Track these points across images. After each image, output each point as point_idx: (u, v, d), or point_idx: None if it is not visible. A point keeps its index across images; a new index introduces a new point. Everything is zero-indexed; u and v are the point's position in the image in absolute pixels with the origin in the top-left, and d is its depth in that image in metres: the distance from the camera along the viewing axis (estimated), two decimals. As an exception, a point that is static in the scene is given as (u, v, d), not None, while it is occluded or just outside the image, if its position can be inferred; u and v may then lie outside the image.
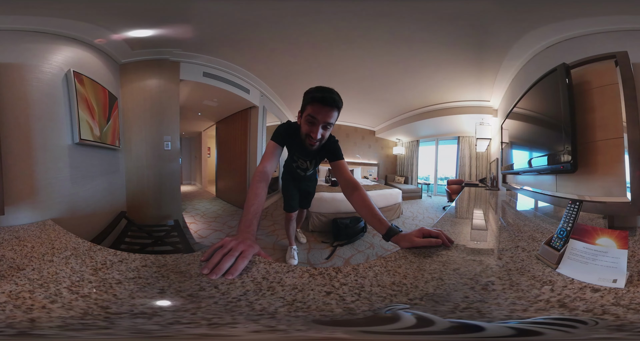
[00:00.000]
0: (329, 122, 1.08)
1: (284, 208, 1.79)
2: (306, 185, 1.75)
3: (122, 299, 0.55)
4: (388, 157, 3.02)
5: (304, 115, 1.09)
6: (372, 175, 2.97)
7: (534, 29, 1.32)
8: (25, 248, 0.80)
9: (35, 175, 1.15)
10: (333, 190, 2.24)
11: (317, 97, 1.04)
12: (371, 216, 1.01)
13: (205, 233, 1.89)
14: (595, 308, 0.52)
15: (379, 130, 2.87)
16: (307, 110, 1.07)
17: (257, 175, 1.04)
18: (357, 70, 1.94)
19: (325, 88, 1.07)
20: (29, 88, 1.13)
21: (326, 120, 1.06)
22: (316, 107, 1.05)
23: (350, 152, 2.81)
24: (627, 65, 0.93)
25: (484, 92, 1.99)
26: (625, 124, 0.91)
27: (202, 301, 0.55)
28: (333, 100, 1.04)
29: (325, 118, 1.06)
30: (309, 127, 1.08)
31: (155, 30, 1.47)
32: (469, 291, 0.59)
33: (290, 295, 0.58)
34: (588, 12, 1.12)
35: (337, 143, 1.26)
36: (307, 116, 1.07)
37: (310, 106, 1.06)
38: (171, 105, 1.71)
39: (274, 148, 1.16)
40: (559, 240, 0.71)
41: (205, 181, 2.49)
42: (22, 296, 0.55)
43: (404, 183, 2.93)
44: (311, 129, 1.08)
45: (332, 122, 1.09)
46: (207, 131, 2.46)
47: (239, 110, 2.17)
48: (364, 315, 0.52)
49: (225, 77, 1.82)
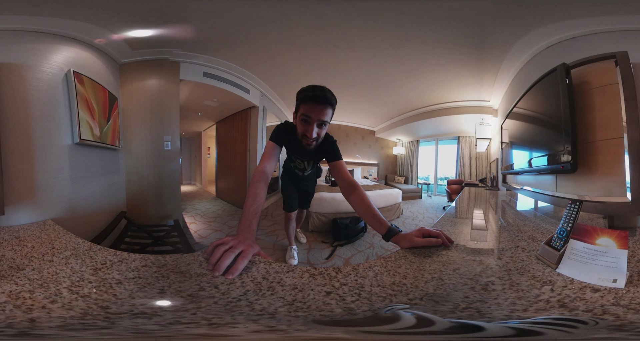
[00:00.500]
0: (324, 120, 1.07)
1: (283, 208, 1.79)
2: (305, 185, 1.75)
3: (122, 299, 0.55)
4: (388, 157, 3.01)
5: (298, 115, 1.09)
6: (372, 175, 2.97)
7: (534, 29, 1.32)
8: (25, 248, 0.80)
9: (35, 175, 1.15)
10: (333, 190, 2.24)
11: (309, 96, 1.04)
12: (370, 216, 1.01)
13: (205, 233, 1.89)
14: (595, 308, 0.52)
15: (379, 130, 2.87)
16: (301, 109, 1.07)
17: (256, 175, 1.04)
18: (357, 70, 1.94)
19: (317, 87, 1.07)
20: (29, 88, 1.13)
21: (320, 118, 1.06)
22: (309, 105, 1.04)
23: (350, 152, 2.81)
24: (627, 65, 0.93)
25: (484, 92, 1.98)
26: (625, 124, 0.91)
27: (202, 301, 0.55)
28: (325, 98, 1.04)
29: (319, 116, 1.06)
30: (304, 127, 1.08)
31: (155, 30, 1.47)
32: (469, 291, 0.59)
33: (290, 295, 0.58)
34: (588, 12, 1.12)
35: (335, 144, 1.26)
36: (301, 115, 1.07)
37: (303, 105, 1.06)
38: (171, 105, 1.71)
39: (272, 148, 1.16)
40: (559, 240, 0.71)
41: (205, 181, 2.49)
42: (22, 296, 0.55)
43: (404, 183, 2.93)
44: (306, 128, 1.08)
45: (326, 120, 1.08)
46: (207, 131, 2.46)
47: (239, 110, 2.16)
48: (364, 315, 0.52)
49: (225, 77, 1.81)
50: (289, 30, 1.55)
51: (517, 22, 1.35)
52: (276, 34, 1.58)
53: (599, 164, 0.99)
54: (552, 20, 1.24)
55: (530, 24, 1.32)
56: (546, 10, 1.23)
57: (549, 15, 1.24)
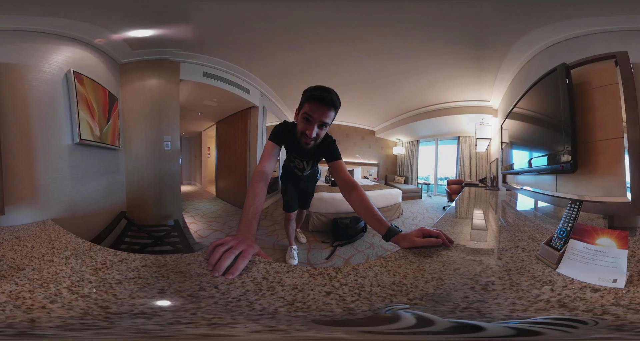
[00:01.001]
0: (325, 122, 1.08)
1: (283, 209, 1.79)
2: (305, 185, 1.75)
3: (122, 299, 0.55)
4: (388, 157, 3.01)
5: (301, 113, 1.09)
6: (372, 175, 2.97)
7: (534, 29, 1.32)
8: (25, 248, 0.80)
9: (35, 175, 1.15)
10: (333, 190, 2.24)
11: (316, 96, 1.04)
12: (370, 216, 1.01)
13: (205, 233, 1.89)
14: (595, 308, 0.52)
15: (379, 130, 2.87)
16: (304, 108, 1.07)
17: (256, 175, 1.04)
18: (357, 70, 1.94)
19: (325, 88, 1.07)
20: (29, 88, 1.13)
21: (322, 120, 1.06)
22: (314, 105, 1.05)
23: (350, 152, 2.81)
24: (627, 65, 0.93)
25: (484, 92, 1.98)
26: (625, 124, 0.91)
27: (202, 301, 0.55)
28: (331, 100, 1.05)
29: (321, 118, 1.06)
30: (305, 125, 1.08)
31: (155, 30, 1.47)
32: (469, 291, 0.59)
33: (290, 295, 0.58)
34: (588, 12, 1.12)
35: (335, 144, 1.25)
36: (304, 114, 1.07)
37: (308, 104, 1.06)
38: (171, 105, 1.71)
39: (272, 148, 1.16)
40: (559, 240, 0.71)
41: (205, 181, 2.49)
42: (22, 296, 0.55)
43: (404, 183, 2.93)
44: (307, 127, 1.08)
45: (328, 122, 1.09)
46: (207, 131, 2.46)
47: (239, 110, 2.16)
48: (364, 315, 0.52)
49: (225, 77, 1.81)
50: (289, 30, 1.55)
51: (517, 22, 1.35)
52: (276, 34, 1.58)
53: (599, 164, 0.99)
54: (552, 20, 1.24)
55: (530, 24, 1.32)
56: (546, 10, 1.23)
57: (549, 15, 1.24)
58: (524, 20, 1.32)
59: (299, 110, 1.12)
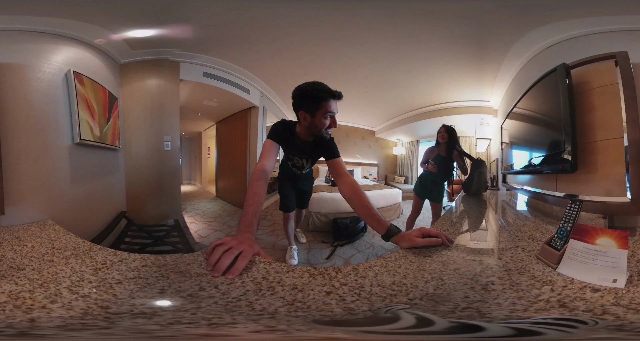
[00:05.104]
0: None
1: (280, 209, 1.78)
2: (302, 184, 1.75)
3: (122, 299, 0.55)
4: (388, 157, 3.01)
5: (320, 113, 1.14)
6: (372, 175, 2.97)
7: (534, 29, 1.32)
8: (25, 248, 0.80)
9: (35, 175, 1.15)
10: (333, 190, 2.23)
11: (332, 94, 1.14)
12: (369, 216, 1.00)
13: (205, 233, 1.89)
14: (595, 308, 0.52)
15: (379, 130, 2.87)
16: (324, 107, 1.13)
17: (256, 173, 1.04)
18: (357, 70, 1.94)
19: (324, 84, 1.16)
20: (29, 88, 1.13)
21: (336, 111, 1.18)
22: (332, 103, 1.15)
23: (350, 152, 2.81)
24: (627, 65, 0.93)
25: (484, 92, 1.98)
26: (625, 124, 0.91)
27: (202, 301, 0.55)
28: (341, 95, 1.16)
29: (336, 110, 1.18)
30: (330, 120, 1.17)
31: (155, 30, 1.47)
32: (469, 291, 0.59)
33: (290, 295, 0.58)
34: (588, 12, 1.12)
35: (333, 141, 1.26)
36: (328, 113, 1.15)
37: (326, 103, 1.13)
38: (171, 105, 1.71)
39: (271, 146, 1.17)
40: (559, 240, 0.71)
41: (205, 181, 2.49)
42: (22, 296, 0.55)
43: (404, 183, 2.93)
44: (331, 121, 1.18)
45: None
46: (207, 131, 2.46)
47: (239, 110, 2.16)
48: (364, 315, 0.52)
49: (225, 77, 1.81)
50: (289, 30, 1.55)
51: (517, 22, 1.35)
52: (276, 34, 1.58)
53: (599, 164, 0.99)
54: (552, 20, 1.24)
55: (530, 24, 1.32)
56: (546, 10, 1.23)
57: (549, 15, 1.24)
58: (524, 20, 1.32)
59: (311, 110, 1.15)
